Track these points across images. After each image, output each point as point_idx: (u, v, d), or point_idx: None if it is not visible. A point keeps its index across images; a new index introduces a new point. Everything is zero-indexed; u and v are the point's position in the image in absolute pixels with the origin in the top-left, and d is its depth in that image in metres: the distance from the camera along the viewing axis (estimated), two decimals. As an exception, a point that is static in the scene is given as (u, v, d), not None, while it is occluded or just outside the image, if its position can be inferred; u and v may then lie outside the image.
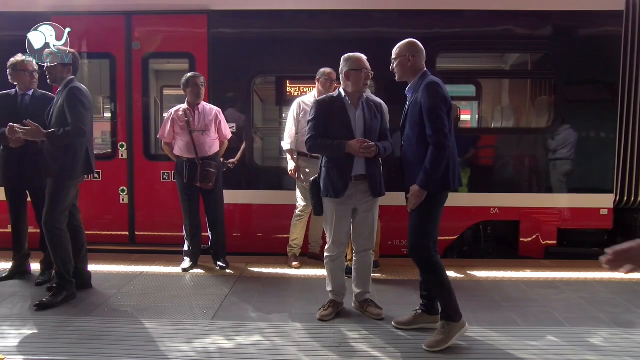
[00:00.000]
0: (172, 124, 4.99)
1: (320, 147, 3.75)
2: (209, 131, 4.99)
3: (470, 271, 5.08)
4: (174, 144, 5.08)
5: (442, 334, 3.31)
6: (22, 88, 4.58)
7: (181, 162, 5.00)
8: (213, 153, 5.05)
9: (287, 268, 5.15)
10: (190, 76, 4.97)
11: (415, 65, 3.44)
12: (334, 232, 3.77)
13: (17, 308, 4.00)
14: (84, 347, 3.29)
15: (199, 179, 4.90)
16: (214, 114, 5.07)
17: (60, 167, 4.09)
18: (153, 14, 5.75)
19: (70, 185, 4.17)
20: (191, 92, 4.94)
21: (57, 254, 4.13)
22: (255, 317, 3.85)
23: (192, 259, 5.12)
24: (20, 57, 4.55)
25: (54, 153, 4.09)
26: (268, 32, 5.68)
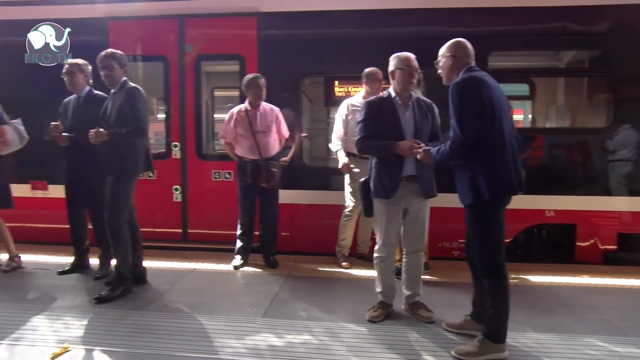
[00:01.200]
0: (235, 125, 5.09)
1: (370, 148, 3.74)
2: (270, 131, 5.07)
3: (523, 275, 4.94)
4: (235, 144, 5.17)
5: (476, 348, 3.18)
6: (76, 91, 4.79)
7: (244, 162, 5.09)
8: (275, 153, 5.13)
9: (336, 268, 5.16)
10: (251, 77, 5.05)
11: (457, 65, 3.25)
12: (384, 233, 3.74)
13: (77, 300, 4.19)
14: (139, 340, 3.41)
15: (264, 180, 4.99)
16: (274, 114, 5.14)
17: (122, 166, 4.24)
18: (204, 17, 5.87)
19: (132, 182, 4.32)
20: (253, 93, 5.02)
21: (118, 249, 4.29)
22: (305, 316, 3.88)
23: (243, 256, 5.21)
24: (71, 62, 4.77)
25: (114, 152, 4.24)
26: (316, 33, 5.70)
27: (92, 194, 4.67)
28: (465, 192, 3.16)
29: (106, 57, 4.28)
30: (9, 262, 5.05)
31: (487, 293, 3.22)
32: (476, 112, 3.03)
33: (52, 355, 3.17)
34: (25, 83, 5.91)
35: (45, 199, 6.13)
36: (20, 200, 5.54)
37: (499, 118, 3.07)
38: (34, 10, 6.02)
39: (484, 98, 3.03)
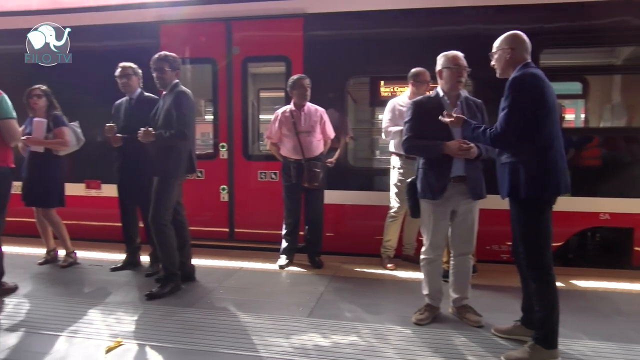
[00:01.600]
0: (280, 125, 5.14)
1: (417, 148, 3.69)
2: (314, 132, 5.10)
3: (575, 280, 4.76)
4: (280, 144, 5.22)
5: (527, 354, 3.09)
6: (128, 93, 4.95)
7: (288, 162, 5.14)
8: (318, 153, 5.15)
9: (381, 269, 5.13)
10: (296, 78, 5.09)
11: (514, 59, 3.17)
12: (431, 235, 3.69)
13: (129, 296, 4.33)
14: (188, 336, 3.48)
15: (306, 180, 5.02)
16: (319, 114, 5.16)
17: (165, 167, 4.35)
18: (251, 20, 5.95)
19: (174, 184, 4.40)
20: (298, 93, 5.06)
21: (163, 248, 4.41)
22: (351, 316, 3.87)
23: (289, 256, 5.25)
24: (123, 65, 4.93)
25: (159, 153, 4.36)
26: (362, 33, 5.68)
27: (143, 193, 4.82)
28: (509, 188, 3.10)
29: (159, 60, 4.40)
30: (65, 258, 5.28)
31: (534, 296, 3.16)
32: (530, 112, 2.97)
33: (107, 348, 3.29)
34: (80, 87, 6.16)
35: (98, 197, 6.35)
36: (75, 198, 5.79)
37: (551, 118, 3.03)
38: (87, 17, 6.28)
39: (542, 97, 2.99)
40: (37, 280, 4.78)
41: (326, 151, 5.36)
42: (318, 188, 5.12)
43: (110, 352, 3.25)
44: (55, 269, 5.20)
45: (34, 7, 6.49)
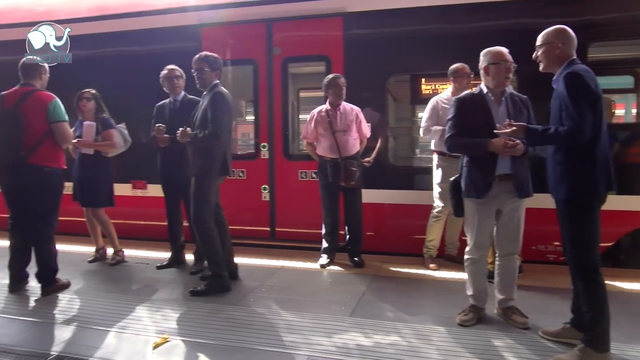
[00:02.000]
0: (315, 125, 5.16)
1: (461, 146, 3.63)
2: (350, 131, 5.09)
3: (627, 282, 4.58)
4: (316, 143, 5.24)
5: (577, 357, 2.99)
6: (173, 95, 5.07)
7: (324, 162, 5.15)
8: (355, 152, 5.13)
9: (423, 269, 5.07)
10: (332, 77, 5.10)
11: (563, 55, 3.10)
12: (476, 234, 3.62)
13: (175, 294, 4.43)
14: (232, 333, 3.53)
15: (343, 178, 5.01)
16: (355, 113, 5.15)
17: (200, 168, 4.41)
18: (292, 20, 5.99)
19: (208, 185, 4.44)
20: (333, 92, 5.07)
21: (207, 248, 4.48)
22: (392, 316, 3.84)
23: (329, 255, 5.26)
24: (169, 68, 5.04)
25: (194, 154, 4.44)
26: (402, 31, 5.63)
27: (186, 193, 4.92)
28: (560, 186, 3.03)
29: (199, 60, 4.48)
30: (114, 256, 5.45)
31: (582, 296, 3.07)
32: (592, 106, 2.92)
33: (154, 344, 3.37)
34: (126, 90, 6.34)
35: (144, 197, 6.53)
36: (122, 198, 5.97)
37: (600, 114, 2.96)
38: (130, 22, 6.47)
39: (598, 92, 2.95)
40: (88, 277, 4.95)
41: (362, 150, 5.34)
42: (355, 187, 5.10)
43: (158, 348, 3.34)
44: (104, 266, 5.38)
45: (81, 15, 6.73)
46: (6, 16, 7.16)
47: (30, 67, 4.50)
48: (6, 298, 4.37)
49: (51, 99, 4.40)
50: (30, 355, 3.26)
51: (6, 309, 4.13)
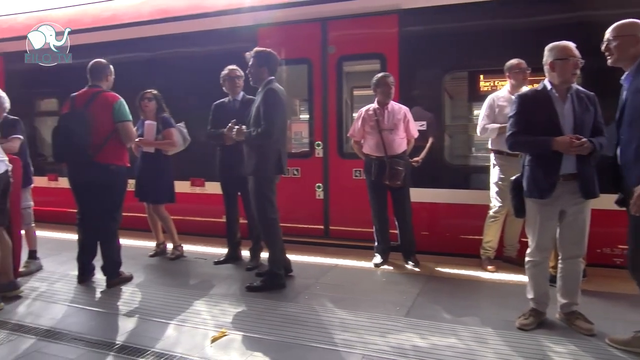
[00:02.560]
0: (362, 123, 5.14)
1: (523, 144, 3.51)
2: (397, 130, 5.04)
3: None
4: (363, 142, 5.22)
5: None
6: (232, 94, 5.17)
7: (370, 160, 5.12)
8: (401, 152, 5.08)
9: (480, 271, 4.94)
10: (380, 76, 5.06)
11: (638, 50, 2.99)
12: (538, 236, 3.49)
13: (232, 289, 4.53)
14: (288, 330, 3.57)
15: (388, 177, 4.97)
16: (402, 112, 5.10)
17: (255, 166, 4.47)
18: (346, 18, 5.98)
19: (266, 182, 4.49)
20: (382, 91, 5.04)
21: (270, 245, 4.55)
22: (449, 318, 3.77)
23: (383, 255, 5.22)
24: (230, 68, 5.13)
25: (249, 153, 4.50)
26: (459, 27, 5.50)
27: (245, 191, 5.02)
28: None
29: (253, 56, 4.53)
30: (173, 250, 5.63)
31: None
32: None
33: (212, 338, 3.46)
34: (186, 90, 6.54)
35: (202, 194, 6.71)
36: (181, 195, 6.15)
37: None
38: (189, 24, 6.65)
39: None
40: (148, 271, 5.14)
41: (409, 150, 5.27)
42: (400, 187, 5.04)
43: (216, 341, 3.42)
44: (164, 261, 5.57)
45: (144, 18, 6.99)
46: (76, 22, 7.53)
47: (97, 69, 4.71)
48: (75, 289, 4.61)
49: (116, 100, 4.59)
50: (97, 343, 3.42)
51: (75, 298, 4.36)
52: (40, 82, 7.89)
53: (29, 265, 5.11)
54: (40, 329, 3.69)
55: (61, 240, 6.36)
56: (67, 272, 5.05)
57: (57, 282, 4.80)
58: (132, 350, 3.29)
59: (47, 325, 3.75)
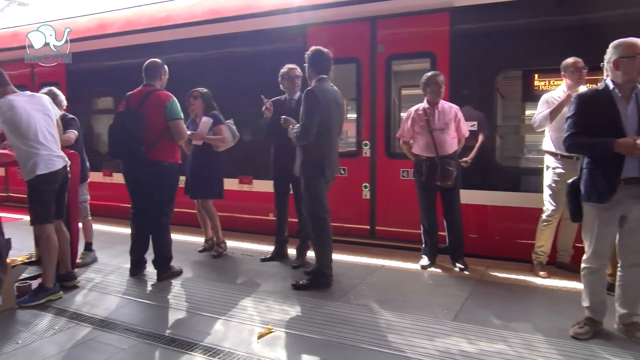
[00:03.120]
0: (412, 123, 5.07)
1: (581, 146, 3.36)
2: (448, 129, 4.94)
3: None
4: (412, 142, 5.15)
5: None
6: (289, 93, 5.20)
7: (420, 160, 5.04)
8: (452, 152, 4.99)
9: (532, 276, 4.78)
10: (430, 75, 4.98)
11: None
12: (595, 242, 3.34)
13: (279, 286, 4.56)
14: (334, 329, 3.57)
15: (439, 178, 4.88)
16: (453, 112, 5.00)
17: (300, 166, 4.52)
18: (396, 17, 5.91)
19: (310, 183, 4.49)
20: (431, 91, 4.95)
21: (319, 244, 4.56)
22: (499, 324, 3.67)
23: (430, 257, 5.14)
24: (289, 67, 5.17)
25: (298, 152, 4.55)
26: (513, 24, 5.35)
27: (297, 191, 5.04)
28: None
29: (306, 55, 4.60)
30: (216, 247, 5.68)
31: None
32: None
33: (259, 334, 3.50)
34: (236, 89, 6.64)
35: (250, 192, 6.79)
36: (230, 192, 6.24)
37: None
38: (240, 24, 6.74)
39: None
40: (197, 266, 5.25)
41: (460, 150, 5.16)
42: (451, 187, 4.94)
43: (262, 338, 3.45)
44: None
45: (197, 19, 7.15)
46: (133, 23, 7.80)
47: (151, 69, 4.85)
48: (127, 281, 4.77)
49: (169, 98, 4.71)
50: (148, 335, 3.52)
51: (127, 290, 4.51)
52: (99, 81, 8.23)
53: (85, 257, 5.32)
54: (96, 318, 3.84)
55: (115, 233, 6.59)
56: (120, 264, 5.24)
57: (110, 274, 4.98)
58: (181, 343, 3.37)
59: (101, 315, 3.89)
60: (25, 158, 4.17)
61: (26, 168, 4.17)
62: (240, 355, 3.20)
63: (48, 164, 4.19)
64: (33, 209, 4.24)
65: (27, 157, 4.15)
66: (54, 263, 4.31)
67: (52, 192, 4.26)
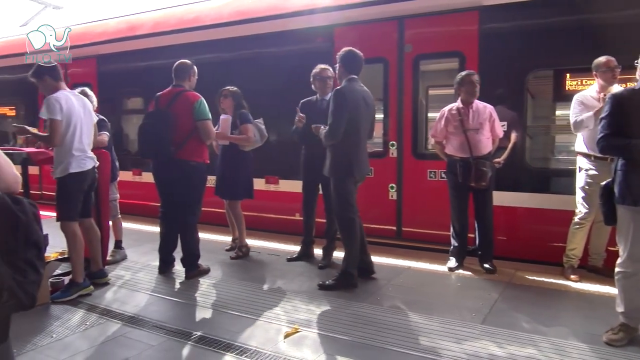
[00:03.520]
0: (445, 123, 5.01)
1: (616, 148, 3.28)
2: (482, 129, 4.87)
3: None
4: (445, 142, 5.10)
5: None
6: (320, 94, 5.21)
7: (453, 161, 4.98)
8: (487, 152, 4.91)
9: (563, 280, 4.68)
10: (465, 74, 4.91)
11: None
12: (631, 245, 3.25)
13: (305, 286, 4.57)
14: (361, 330, 3.56)
15: (473, 179, 4.81)
16: (488, 112, 4.92)
17: (328, 166, 4.54)
18: (424, 16, 5.86)
19: (338, 183, 4.51)
20: (466, 90, 4.88)
21: (346, 244, 4.55)
22: (528, 328, 3.60)
23: (458, 258, 5.07)
24: (321, 67, 5.17)
25: (327, 152, 4.57)
26: (544, 23, 5.24)
27: (326, 191, 5.04)
28: None
29: (338, 55, 4.63)
30: (237, 250, 5.62)
31: None
32: None
33: (286, 334, 3.51)
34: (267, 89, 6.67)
35: (276, 192, 6.82)
36: (256, 192, 6.27)
37: None
38: (268, 25, 6.79)
39: None
40: (225, 265, 5.30)
41: (494, 150, 5.08)
42: (486, 188, 4.87)
43: (288, 337, 3.47)
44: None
45: (225, 20, 7.22)
46: (162, 25, 7.92)
47: (181, 70, 4.92)
48: (156, 279, 4.85)
49: (197, 99, 4.77)
50: (176, 332, 3.57)
51: (156, 288, 4.58)
52: (130, 82, 8.38)
53: (115, 255, 5.43)
54: (125, 315, 3.91)
55: (144, 232, 6.70)
56: (148, 262, 5.32)
57: (139, 271, 5.07)
58: (209, 341, 3.41)
59: (131, 312, 3.97)
60: (62, 155, 4.28)
61: (60, 165, 4.28)
62: (267, 354, 3.22)
63: (80, 164, 4.30)
64: (60, 206, 4.34)
65: (64, 155, 4.27)
66: (82, 258, 4.40)
67: (81, 191, 4.36)
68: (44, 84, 4.34)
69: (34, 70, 4.36)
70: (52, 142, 4.28)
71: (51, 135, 4.21)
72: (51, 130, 4.20)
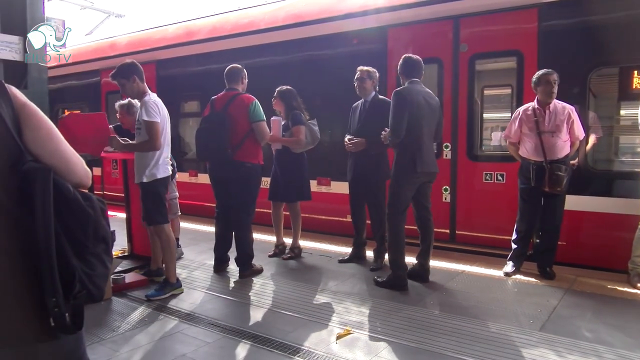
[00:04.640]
0: (520, 124, 4.85)
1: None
2: (559, 132, 4.65)
3: None
4: (520, 144, 4.94)
5: None
6: (362, 95, 5.21)
7: (527, 164, 4.81)
8: (563, 156, 4.70)
9: (628, 288, 4.46)
10: (542, 73, 4.71)
11: None
12: None
13: (357, 288, 4.57)
14: (413, 334, 3.52)
15: (548, 184, 4.62)
16: (567, 113, 4.68)
17: (393, 166, 4.55)
18: (480, 15, 5.73)
19: (394, 182, 4.51)
20: (543, 90, 4.68)
21: (390, 244, 4.55)
22: (591, 337, 3.45)
23: (516, 263, 4.92)
24: (359, 69, 5.17)
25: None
26: (608, 18, 5.01)
27: (372, 192, 5.03)
28: None
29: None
30: (290, 251, 5.67)
31: None
32: None
33: (338, 335, 3.52)
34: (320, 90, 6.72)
35: (328, 193, 6.85)
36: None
37: None
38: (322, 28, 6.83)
39: None
40: (277, 265, 5.37)
41: (573, 153, 4.87)
42: (560, 193, 4.68)
43: (341, 339, 3.47)
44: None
45: (279, 23, 7.33)
46: (218, 30, 8.13)
47: (233, 74, 5.02)
48: (211, 277, 4.97)
49: (252, 101, 4.86)
50: (231, 330, 3.65)
51: (211, 286, 4.69)
52: (187, 86, 8.64)
53: (173, 253, 5.58)
54: (182, 312, 4.03)
55: (199, 231, 6.89)
56: (204, 261, 5.47)
57: (195, 270, 5.21)
58: (263, 340, 3.46)
59: (187, 309, 4.08)
60: (150, 159, 4.30)
61: (147, 169, 4.31)
62: (320, 355, 3.23)
63: (165, 169, 4.44)
64: (153, 211, 4.40)
65: (154, 159, 4.31)
66: (175, 259, 4.54)
67: (165, 194, 4.52)
68: (131, 85, 4.28)
69: (122, 71, 4.27)
70: (154, 145, 4.21)
71: (152, 138, 4.18)
72: (153, 134, 4.17)
